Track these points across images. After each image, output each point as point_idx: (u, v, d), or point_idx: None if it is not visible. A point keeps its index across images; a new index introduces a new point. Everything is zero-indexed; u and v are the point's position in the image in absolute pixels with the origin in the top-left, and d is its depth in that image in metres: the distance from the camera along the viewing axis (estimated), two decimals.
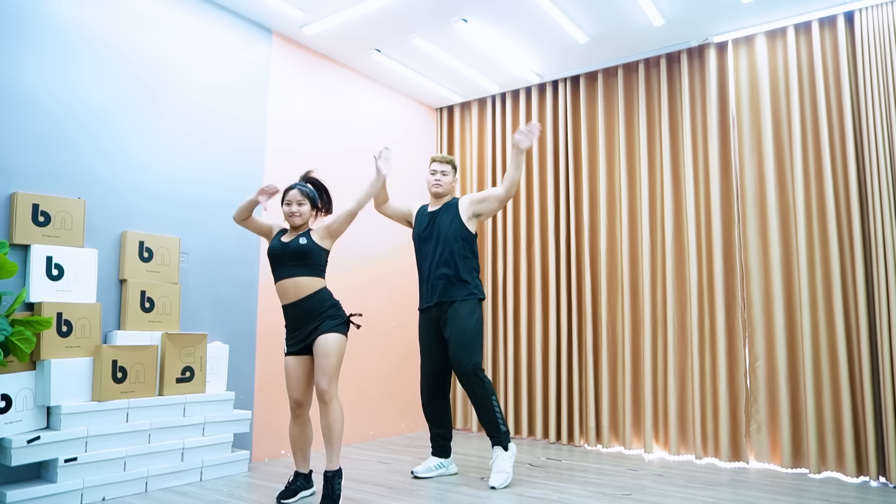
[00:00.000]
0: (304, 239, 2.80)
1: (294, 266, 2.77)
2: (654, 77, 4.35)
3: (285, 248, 2.79)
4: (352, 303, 4.36)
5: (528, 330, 4.64)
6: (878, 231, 3.36)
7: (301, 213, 2.83)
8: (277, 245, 2.82)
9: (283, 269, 2.79)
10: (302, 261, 2.77)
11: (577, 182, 4.58)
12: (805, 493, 3.04)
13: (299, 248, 2.77)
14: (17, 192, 2.73)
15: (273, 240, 2.88)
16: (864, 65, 3.52)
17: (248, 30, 3.82)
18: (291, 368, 2.82)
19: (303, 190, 2.86)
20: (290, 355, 2.82)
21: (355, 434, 4.34)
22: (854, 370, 3.47)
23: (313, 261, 2.79)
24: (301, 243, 2.78)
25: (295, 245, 2.78)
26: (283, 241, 2.83)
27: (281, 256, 2.79)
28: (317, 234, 2.84)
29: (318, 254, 2.80)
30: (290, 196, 2.85)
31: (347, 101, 4.49)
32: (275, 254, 2.81)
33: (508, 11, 3.73)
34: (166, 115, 3.36)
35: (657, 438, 4.08)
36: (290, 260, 2.77)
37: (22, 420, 2.62)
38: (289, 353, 2.83)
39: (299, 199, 2.84)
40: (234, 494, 2.87)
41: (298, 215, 2.83)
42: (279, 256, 2.79)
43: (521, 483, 3.17)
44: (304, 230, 2.86)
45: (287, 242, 2.80)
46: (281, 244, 2.81)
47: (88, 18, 3.05)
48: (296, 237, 2.82)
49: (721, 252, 3.91)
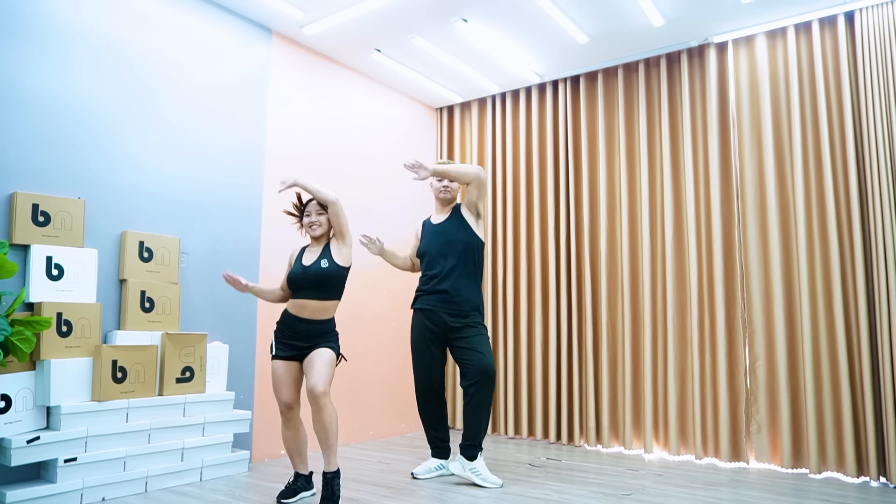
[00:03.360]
0: (326, 262, 2.81)
1: (315, 289, 2.79)
2: (654, 77, 4.35)
3: (306, 273, 2.80)
4: (352, 303, 4.36)
5: (528, 330, 4.64)
6: (878, 231, 3.36)
7: (321, 222, 2.87)
8: (299, 270, 2.83)
9: (304, 291, 2.80)
10: (322, 285, 2.79)
11: (577, 182, 4.58)
12: (805, 494, 3.04)
13: (320, 273, 2.78)
14: (17, 192, 2.73)
15: (294, 263, 2.90)
16: (864, 65, 3.52)
17: (248, 30, 3.82)
18: (280, 371, 2.82)
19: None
20: (277, 359, 2.83)
21: (355, 434, 4.34)
22: (854, 370, 3.47)
23: (333, 284, 2.81)
24: (322, 267, 2.79)
25: (316, 269, 2.79)
26: (304, 264, 2.84)
27: (300, 280, 2.80)
28: (335, 249, 2.86)
29: (339, 275, 2.82)
30: (309, 207, 2.90)
31: (347, 101, 4.49)
32: (295, 279, 2.82)
33: (508, 11, 3.72)
34: (166, 114, 3.36)
35: (657, 438, 4.08)
36: (311, 284, 2.78)
37: (22, 420, 2.62)
38: (277, 356, 2.83)
39: (318, 209, 2.88)
40: (234, 494, 2.87)
41: (318, 225, 2.86)
42: (299, 281, 2.80)
43: (521, 483, 3.17)
44: (324, 242, 2.89)
45: (308, 266, 2.81)
46: (302, 269, 2.82)
47: (88, 18, 3.05)
48: (317, 260, 2.82)
49: (721, 252, 3.91)
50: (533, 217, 4.75)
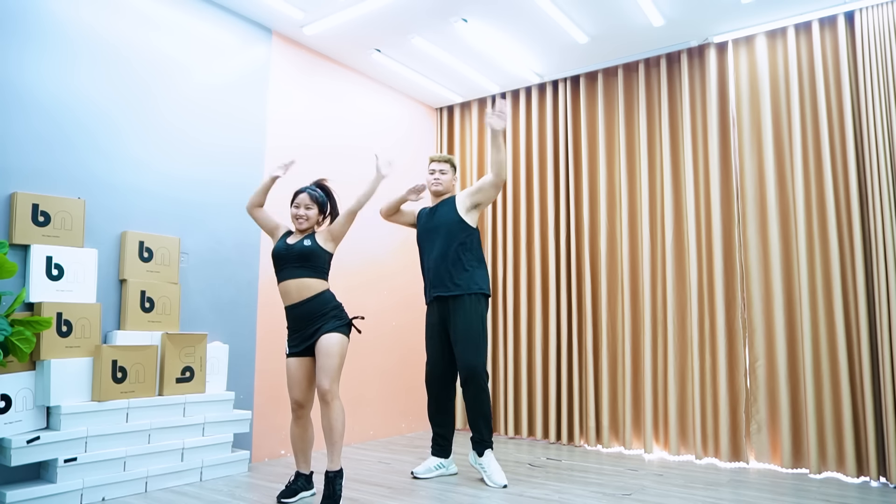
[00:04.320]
0: (309, 241, 2.82)
1: (297, 267, 2.78)
2: (654, 77, 4.35)
3: (289, 250, 2.81)
4: (352, 303, 4.36)
5: (528, 330, 4.64)
6: (878, 231, 3.36)
7: (308, 216, 2.86)
8: (282, 246, 2.84)
9: (286, 269, 2.80)
10: (305, 262, 2.78)
11: (577, 182, 4.58)
12: (805, 494, 3.04)
13: (303, 250, 2.79)
14: (17, 192, 2.73)
15: (278, 241, 2.90)
16: (864, 65, 3.52)
17: (248, 30, 3.82)
18: (293, 370, 2.82)
19: (312, 194, 2.88)
20: (291, 356, 2.83)
21: (355, 434, 4.34)
22: (854, 370, 3.47)
23: (317, 262, 2.81)
24: (305, 245, 2.80)
25: (299, 247, 2.80)
26: (287, 242, 2.85)
27: (284, 258, 2.81)
28: (320, 237, 2.87)
29: (322, 256, 2.82)
30: (299, 199, 2.88)
31: (347, 101, 4.49)
32: (279, 255, 2.83)
33: (508, 11, 3.72)
34: (166, 115, 3.36)
35: (657, 438, 4.08)
36: (294, 261, 2.79)
37: (22, 420, 2.62)
38: (290, 354, 2.83)
39: (308, 202, 2.87)
40: (234, 494, 2.86)
41: (305, 219, 2.85)
42: (283, 258, 2.81)
43: (521, 483, 3.17)
44: (309, 233, 2.88)
45: (291, 244, 2.83)
46: (286, 245, 2.84)
47: (88, 18, 3.05)
48: (300, 239, 2.84)
49: (721, 252, 3.91)
50: (533, 217, 4.74)
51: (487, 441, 3.19)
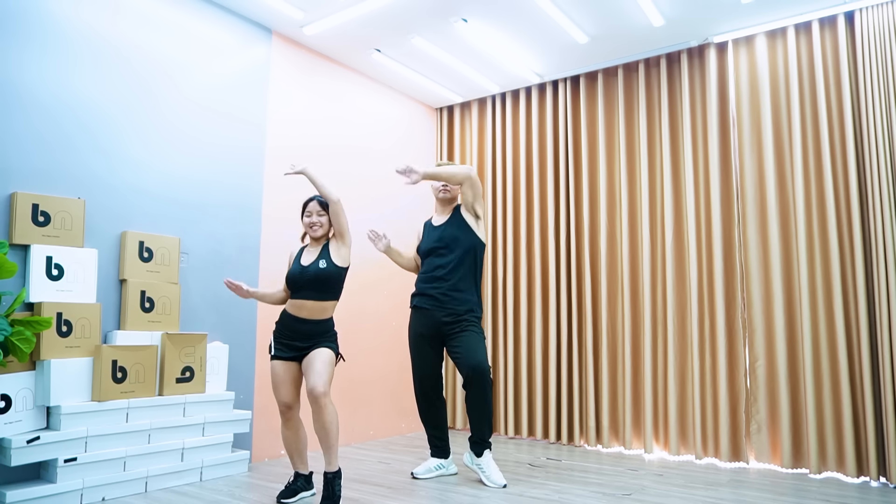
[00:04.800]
0: (324, 262, 2.81)
1: (313, 290, 2.78)
2: (654, 77, 4.35)
3: (304, 273, 2.79)
4: (351, 303, 4.36)
5: (528, 330, 4.64)
6: (878, 231, 3.36)
7: (322, 223, 2.86)
8: (297, 270, 2.83)
9: (302, 291, 2.80)
10: (320, 285, 2.78)
11: (577, 182, 4.58)
12: (805, 494, 3.04)
13: (318, 274, 2.78)
14: (17, 192, 2.73)
15: (293, 263, 2.89)
16: (864, 65, 3.52)
17: (248, 30, 3.82)
18: (279, 371, 2.81)
19: (321, 201, 2.89)
20: (277, 359, 2.83)
21: (355, 434, 4.34)
22: (854, 370, 3.47)
23: (331, 284, 2.81)
24: (321, 267, 2.79)
25: (314, 270, 2.78)
26: (302, 264, 2.84)
27: (298, 281, 2.80)
28: (333, 249, 2.85)
29: (337, 275, 2.82)
30: (310, 207, 2.89)
31: (347, 101, 4.49)
32: (293, 279, 2.82)
33: (508, 11, 3.72)
34: (166, 114, 3.36)
35: (657, 438, 4.08)
36: (309, 285, 2.78)
37: (22, 420, 2.62)
38: (276, 357, 2.83)
39: (318, 210, 2.87)
40: (234, 494, 2.87)
41: (319, 225, 2.86)
42: (297, 281, 2.80)
43: (521, 483, 3.17)
44: (324, 243, 2.88)
45: (306, 267, 2.81)
46: (300, 268, 2.82)
47: (88, 18, 3.05)
48: (315, 260, 2.82)
49: (721, 252, 3.91)
50: (533, 217, 4.74)
51: (487, 441, 3.19)
